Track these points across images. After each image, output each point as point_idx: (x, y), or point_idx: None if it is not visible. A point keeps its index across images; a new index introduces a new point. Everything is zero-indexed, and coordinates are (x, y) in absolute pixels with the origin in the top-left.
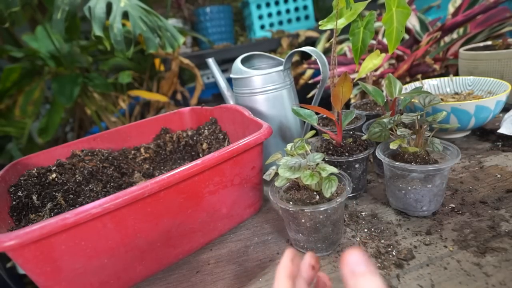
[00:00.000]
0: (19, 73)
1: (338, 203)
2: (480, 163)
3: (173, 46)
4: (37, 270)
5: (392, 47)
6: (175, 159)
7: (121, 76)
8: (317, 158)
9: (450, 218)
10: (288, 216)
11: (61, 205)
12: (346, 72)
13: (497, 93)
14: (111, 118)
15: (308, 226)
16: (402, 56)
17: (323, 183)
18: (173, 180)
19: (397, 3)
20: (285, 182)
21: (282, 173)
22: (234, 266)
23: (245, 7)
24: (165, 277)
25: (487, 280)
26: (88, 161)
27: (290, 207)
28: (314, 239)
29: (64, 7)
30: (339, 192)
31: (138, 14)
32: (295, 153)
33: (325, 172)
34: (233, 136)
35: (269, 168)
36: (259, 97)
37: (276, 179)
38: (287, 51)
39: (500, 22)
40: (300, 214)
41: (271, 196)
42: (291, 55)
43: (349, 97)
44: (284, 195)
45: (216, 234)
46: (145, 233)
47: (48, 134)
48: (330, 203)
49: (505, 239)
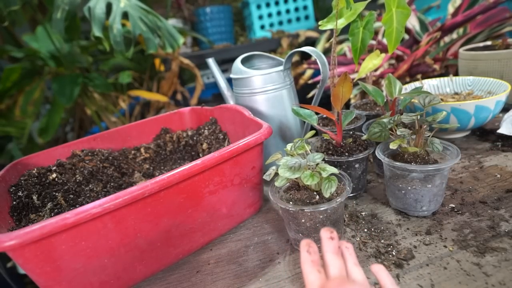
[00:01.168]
0: (20, 73)
1: (338, 203)
2: (480, 163)
3: (173, 46)
4: (38, 270)
5: (392, 47)
6: (175, 159)
7: (121, 76)
8: (317, 158)
9: (450, 218)
10: (288, 216)
11: (61, 205)
12: (346, 72)
13: (497, 93)
14: (111, 118)
15: (308, 226)
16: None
17: (322, 183)
18: (173, 180)
19: (397, 3)
20: (285, 182)
21: (282, 173)
22: (234, 266)
23: (245, 7)
24: (165, 277)
25: (487, 280)
26: (88, 161)
27: (290, 207)
28: (314, 239)
29: (64, 6)
30: (339, 192)
31: (138, 14)
32: (295, 153)
33: (326, 172)
34: (233, 136)
35: (269, 168)
36: (259, 97)
37: (276, 179)
38: (287, 51)
39: (500, 22)
40: (300, 214)
41: (271, 196)
42: (291, 55)
43: (349, 97)
44: (284, 195)
45: (216, 234)
46: (145, 233)
47: (48, 134)
48: (330, 203)
49: (505, 239)
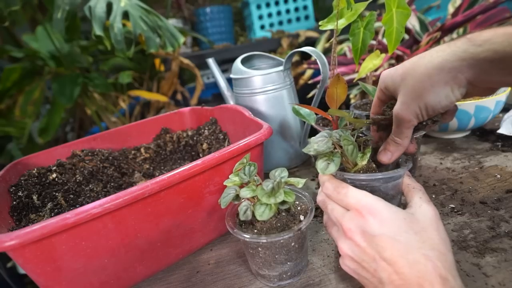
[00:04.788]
0: (19, 73)
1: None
2: (480, 163)
3: (174, 45)
4: (38, 270)
5: (392, 47)
6: (175, 159)
7: (121, 76)
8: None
9: (449, 219)
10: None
11: (61, 205)
12: (338, 74)
13: (497, 93)
14: (111, 118)
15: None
16: (402, 56)
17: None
18: (173, 180)
19: (397, 3)
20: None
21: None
22: (234, 266)
23: (245, 7)
24: (165, 277)
25: (487, 281)
26: (88, 161)
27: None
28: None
29: (64, 6)
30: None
31: (139, 14)
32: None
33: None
34: (233, 136)
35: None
36: (259, 97)
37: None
38: (287, 51)
39: (500, 22)
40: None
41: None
42: (291, 55)
43: (344, 98)
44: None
45: (216, 234)
46: (145, 233)
47: (48, 134)
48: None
49: (505, 240)
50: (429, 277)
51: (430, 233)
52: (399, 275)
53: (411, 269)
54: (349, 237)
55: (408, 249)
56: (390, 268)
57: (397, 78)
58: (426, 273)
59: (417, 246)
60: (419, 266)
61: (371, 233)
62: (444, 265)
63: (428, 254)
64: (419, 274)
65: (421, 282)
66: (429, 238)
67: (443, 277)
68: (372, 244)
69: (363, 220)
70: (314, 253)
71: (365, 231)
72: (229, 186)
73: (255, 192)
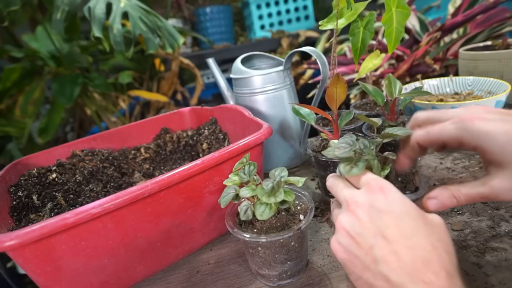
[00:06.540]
0: (19, 73)
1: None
2: (480, 163)
3: (173, 46)
4: (38, 270)
5: (391, 47)
6: (175, 159)
7: (121, 76)
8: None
9: (450, 218)
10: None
11: (61, 205)
12: (338, 73)
13: (497, 93)
14: (111, 118)
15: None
16: (402, 56)
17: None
18: (173, 180)
19: (396, 3)
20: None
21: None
22: (234, 266)
23: (245, 7)
24: (165, 277)
25: (487, 280)
26: (88, 161)
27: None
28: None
29: (64, 7)
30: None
31: (138, 14)
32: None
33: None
34: (233, 136)
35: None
36: (259, 97)
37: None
38: (287, 51)
39: (500, 22)
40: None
41: None
42: (291, 55)
43: (344, 98)
44: None
45: (216, 234)
46: (145, 233)
47: (48, 134)
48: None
49: (505, 239)
50: (434, 268)
51: (439, 229)
52: (397, 256)
53: (412, 252)
54: (352, 210)
55: (414, 232)
56: (388, 247)
57: (501, 138)
58: (430, 261)
59: (424, 234)
60: (422, 252)
61: (378, 207)
62: (450, 259)
63: (435, 244)
64: (421, 260)
65: (422, 269)
66: (438, 232)
67: (449, 272)
68: (375, 219)
69: (373, 195)
70: (314, 252)
71: (373, 205)
72: (229, 186)
73: (255, 192)
